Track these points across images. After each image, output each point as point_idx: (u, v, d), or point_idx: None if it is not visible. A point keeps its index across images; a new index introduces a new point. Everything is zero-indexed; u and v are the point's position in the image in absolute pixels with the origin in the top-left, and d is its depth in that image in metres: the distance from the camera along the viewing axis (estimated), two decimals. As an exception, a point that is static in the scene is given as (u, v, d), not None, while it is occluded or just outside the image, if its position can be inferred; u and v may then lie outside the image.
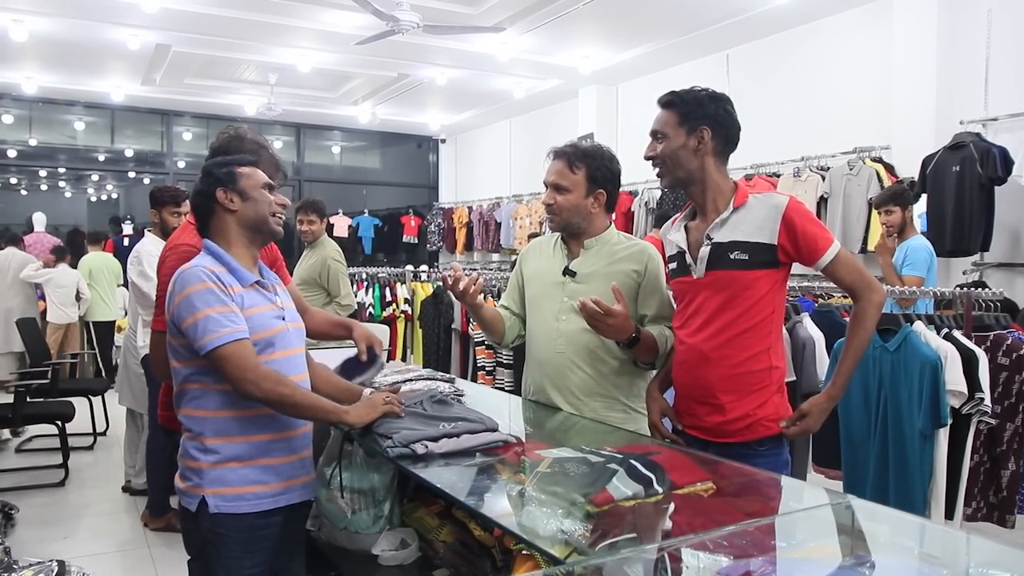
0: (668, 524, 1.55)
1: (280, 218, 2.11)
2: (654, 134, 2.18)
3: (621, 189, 2.51)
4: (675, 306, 2.31)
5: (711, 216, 2.15)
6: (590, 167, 2.35)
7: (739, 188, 2.15)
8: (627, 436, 2.22)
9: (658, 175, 2.21)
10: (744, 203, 2.11)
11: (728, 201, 2.13)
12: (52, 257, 7.72)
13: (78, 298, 7.65)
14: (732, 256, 2.08)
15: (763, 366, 2.10)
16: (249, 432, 1.96)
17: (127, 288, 5.08)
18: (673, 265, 2.25)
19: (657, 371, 2.39)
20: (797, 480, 2.00)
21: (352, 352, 2.95)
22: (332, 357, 2.73)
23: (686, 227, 2.24)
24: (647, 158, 2.20)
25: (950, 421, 2.99)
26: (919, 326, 3.11)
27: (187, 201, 2.96)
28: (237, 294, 1.96)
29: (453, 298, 6.32)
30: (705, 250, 2.12)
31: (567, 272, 2.41)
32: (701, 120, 2.11)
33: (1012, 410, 3.17)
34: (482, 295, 2.47)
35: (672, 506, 1.61)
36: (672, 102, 2.15)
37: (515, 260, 10.17)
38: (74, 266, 7.91)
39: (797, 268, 2.17)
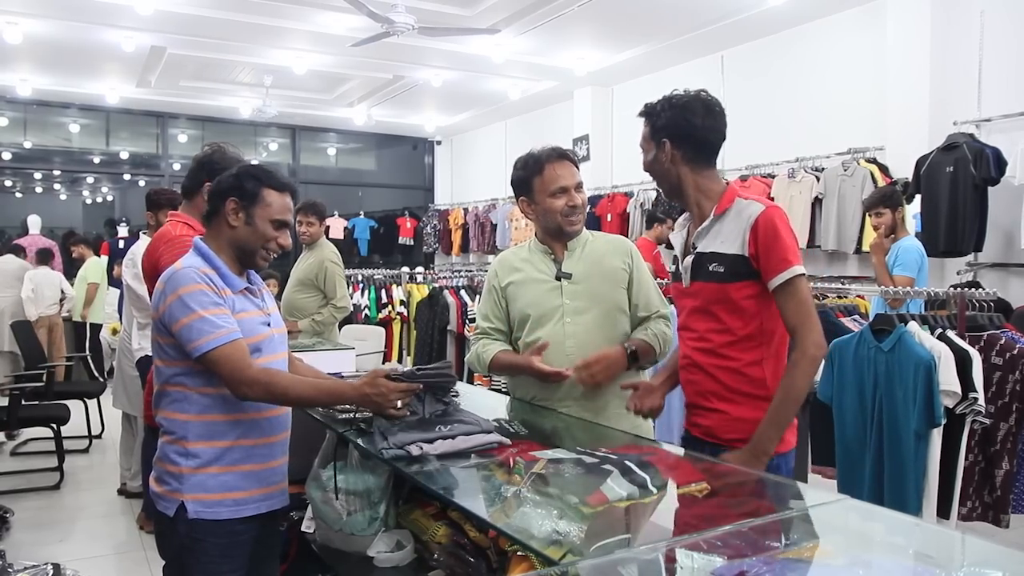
0: (663, 524, 1.55)
1: (271, 255, 2.05)
2: (640, 147, 2.18)
3: (616, 190, 2.53)
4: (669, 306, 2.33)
5: (697, 224, 2.14)
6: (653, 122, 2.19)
7: (725, 193, 2.10)
8: (621, 437, 2.22)
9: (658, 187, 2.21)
10: (726, 210, 2.07)
11: (712, 208, 2.10)
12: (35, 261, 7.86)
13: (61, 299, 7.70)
14: (711, 268, 2.06)
15: (756, 376, 2.06)
16: (230, 437, 1.95)
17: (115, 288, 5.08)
18: (672, 269, 2.25)
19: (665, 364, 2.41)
20: (791, 480, 1.99)
21: (347, 353, 2.95)
22: (324, 360, 2.73)
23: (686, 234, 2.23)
24: (645, 169, 2.20)
25: (944, 421, 3.00)
26: (913, 326, 3.12)
27: (183, 204, 2.97)
28: (228, 297, 1.95)
29: (449, 300, 6.34)
30: (689, 260, 2.12)
31: (561, 276, 2.41)
32: (660, 133, 2.09)
33: (1006, 410, 3.18)
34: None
35: (666, 506, 1.62)
36: (643, 115, 2.15)
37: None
38: (71, 271, 7.95)
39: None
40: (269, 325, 2.07)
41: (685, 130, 2.07)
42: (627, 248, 2.49)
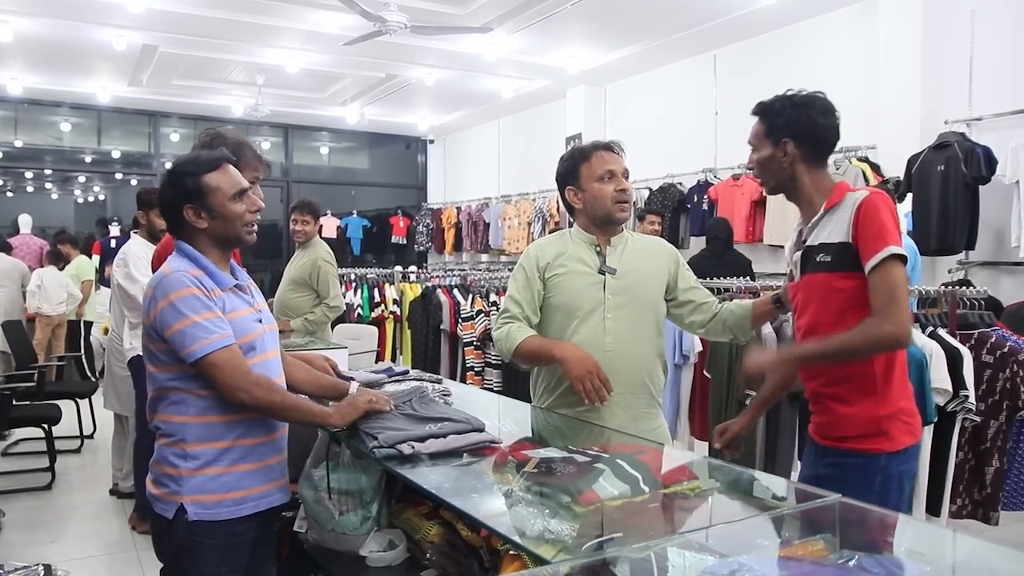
0: (655, 523, 1.56)
1: (253, 226, 2.02)
2: (750, 143, 2.20)
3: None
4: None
5: (807, 220, 2.14)
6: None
7: (836, 188, 2.10)
8: (614, 436, 2.23)
9: (759, 183, 2.19)
10: (836, 203, 2.06)
11: (823, 204, 2.10)
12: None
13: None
14: (818, 259, 2.06)
15: (862, 371, 2.02)
16: (229, 437, 1.94)
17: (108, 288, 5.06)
18: (788, 270, 2.28)
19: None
20: (782, 478, 2.00)
21: (339, 352, 2.94)
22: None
23: (799, 232, 2.22)
24: (748, 167, 2.21)
25: (935, 419, 3.01)
26: (904, 324, 3.13)
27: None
28: (218, 298, 1.93)
29: (442, 299, 6.34)
30: (799, 254, 2.14)
31: (606, 270, 2.38)
32: (783, 131, 2.09)
33: (996, 408, 3.20)
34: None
35: (658, 505, 1.62)
36: (758, 112, 2.17)
37: (505, 261, 9.95)
38: (61, 269, 7.92)
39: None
40: (260, 322, 2.05)
41: (808, 128, 2.09)
42: (669, 250, 2.53)
